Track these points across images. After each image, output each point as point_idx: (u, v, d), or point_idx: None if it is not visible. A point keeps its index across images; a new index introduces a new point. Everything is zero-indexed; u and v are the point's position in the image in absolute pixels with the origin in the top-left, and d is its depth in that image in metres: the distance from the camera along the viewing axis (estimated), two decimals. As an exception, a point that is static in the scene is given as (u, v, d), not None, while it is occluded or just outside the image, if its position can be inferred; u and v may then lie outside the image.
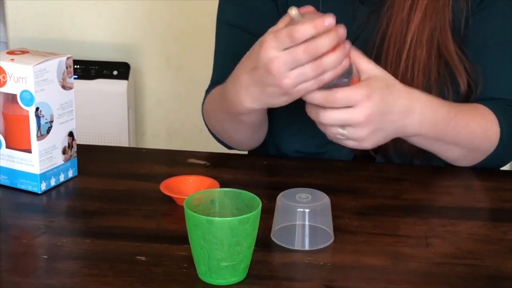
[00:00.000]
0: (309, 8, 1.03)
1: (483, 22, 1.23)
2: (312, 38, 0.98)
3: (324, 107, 1.04)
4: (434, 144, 1.17)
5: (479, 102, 1.22)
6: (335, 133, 1.07)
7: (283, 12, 1.28)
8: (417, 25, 1.19)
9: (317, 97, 1.04)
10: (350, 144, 1.08)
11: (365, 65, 1.06)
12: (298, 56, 0.98)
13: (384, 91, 1.06)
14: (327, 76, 1.00)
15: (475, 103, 1.22)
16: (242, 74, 1.08)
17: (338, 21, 1.25)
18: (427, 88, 1.21)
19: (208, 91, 1.32)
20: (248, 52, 1.08)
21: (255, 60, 1.03)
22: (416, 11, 1.19)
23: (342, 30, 0.99)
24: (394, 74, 1.19)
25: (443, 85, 1.23)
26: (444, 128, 1.15)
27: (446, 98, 1.22)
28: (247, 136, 1.27)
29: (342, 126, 1.06)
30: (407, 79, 1.20)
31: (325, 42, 0.98)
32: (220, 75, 1.31)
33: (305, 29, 0.97)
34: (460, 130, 1.16)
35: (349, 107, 1.04)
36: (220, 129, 1.28)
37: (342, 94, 1.03)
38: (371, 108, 1.04)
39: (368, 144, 1.08)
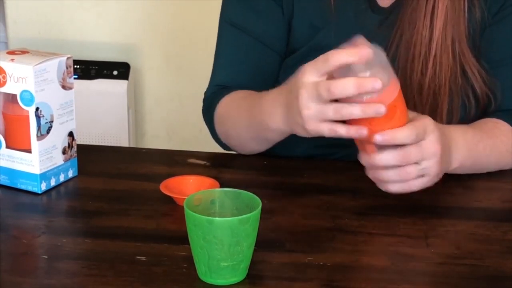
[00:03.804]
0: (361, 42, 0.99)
1: (499, 34, 1.23)
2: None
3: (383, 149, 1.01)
4: (468, 170, 1.18)
5: (497, 114, 1.23)
6: (411, 173, 1.03)
7: (288, 17, 1.28)
8: (440, 31, 1.18)
9: (391, 157, 1.01)
10: (420, 183, 1.05)
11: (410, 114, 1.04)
12: (328, 113, 0.98)
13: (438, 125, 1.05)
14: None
15: (494, 119, 1.22)
16: (282, 92, 1.09)
17: (347, 29, 1.25)
18: (451, 96, 1.22)
19: (211, 97, 1.31)
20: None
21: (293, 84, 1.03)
22: (438, 17, 1.18)
23: (381, 109, 0.96)
24: (421, 81, 1.20)
25: (464, 95, 1.23)
26: (476, 154, 1.15)
27: (468, 108, 1.23)
28: (263, 148, 1.26)
29: (417, 162, 1.03)
30: (433, 86, 1.20)
31: (356, 112, 0.97)
32: (222, 77, 1.31)
33: (345, 87, 0.95)
34: (489, 153, 1.17)
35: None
36: (234, 137, 1.26)
37: (414, 148, 1.01)
38: (438, 137, 1.03)
39: (438, 178, 1.07)
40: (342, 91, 0.95)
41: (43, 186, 1.14)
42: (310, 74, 0.99)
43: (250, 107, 1.19)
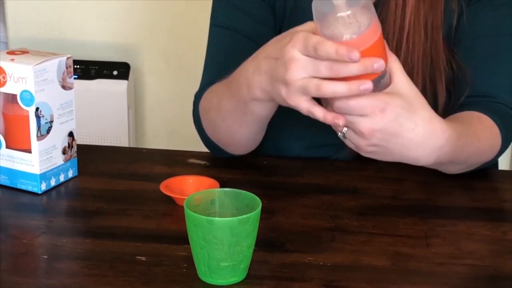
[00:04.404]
0: None
1: (473, 17, 1.23)
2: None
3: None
4: (440, 167, 1.14)
5: (475, 105, 1.21)
6: (337, 126, 1.01)
7: (279, 17, 1.28)
8: (413, 7, 1.18)
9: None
10: (348, 143, 1.04)
11: (398, 79, 0.99)
12: (320, 70, 0.95)
13: (403, 112, 0.99)
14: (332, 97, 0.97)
15: (478, 114, 1.18)
16: (263, 58, 1.03)
17: None
18: (424, 80, 1.21)
19: (199, 96, 1.28)
20: (277, 38, 1.03)
21: (278, 52, 0.99)
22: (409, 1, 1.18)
23: (376, 66, 0.93)
24: None
25: (434, 81, 1.23)
26: (456, 154, 1.10)
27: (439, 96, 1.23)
28: (250, 132, 1.19)
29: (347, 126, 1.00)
30: (407, 65, 1.19)
31: (350, 70, 0.94)
32: (211, 76, 1.28)
33: (330, 51, 0.93)
34: (470, 154, 1.13)
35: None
36: (220, 125, 1.20)
37: (355, 102, 0.97)
38: (378, 124, 0.98)
39: (364, 153, 1.02)
40: (327, 55, 0.93)
41: (43, 186, 1.14)
42: (297, 50, 0.96)
43: (229, 84, 1.13)
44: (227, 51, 1.29)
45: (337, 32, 0.93)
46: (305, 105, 0.98)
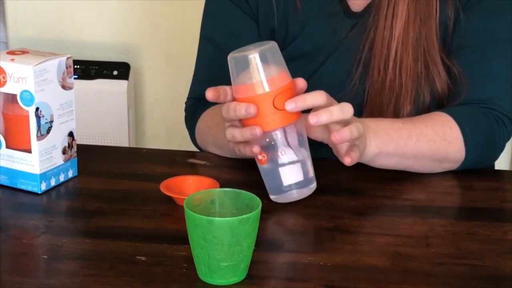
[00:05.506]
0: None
1: (468, 23, 1.24)
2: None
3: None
4: (398, 160, 1.16)
5: (445, 108, 1.23)
6: (350, 138, 1.06)
7: (264, 34, 1.29)
8: (400, 32, 1.20)
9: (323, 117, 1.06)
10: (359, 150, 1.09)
11: None
12: (223, 113, 1.07)
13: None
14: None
15: (434, 112, 1.21)
16: None
17: (320, 33, 1.29)
18: (418, 94, 1.22)
19: (191, 107, 1.36)
20: None
21: None
22: (398, 18, 1.20)
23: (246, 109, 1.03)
24: (383, 81, 1.22)
25: (429, 94, 1.24)
26: (398, 139, 1.14)
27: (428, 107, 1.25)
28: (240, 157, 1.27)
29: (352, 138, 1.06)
30: (395, 86, 1.21)
31: (239, 112, 1.03)
32: (198, 91, 1.35)
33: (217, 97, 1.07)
34: (416, 140, 1.15)
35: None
36: (214, 149, 1.29)
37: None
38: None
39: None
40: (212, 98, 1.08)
41: (43, 186, 1.14)
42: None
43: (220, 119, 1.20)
44: (213, 66, 1.33)
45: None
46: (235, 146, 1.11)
